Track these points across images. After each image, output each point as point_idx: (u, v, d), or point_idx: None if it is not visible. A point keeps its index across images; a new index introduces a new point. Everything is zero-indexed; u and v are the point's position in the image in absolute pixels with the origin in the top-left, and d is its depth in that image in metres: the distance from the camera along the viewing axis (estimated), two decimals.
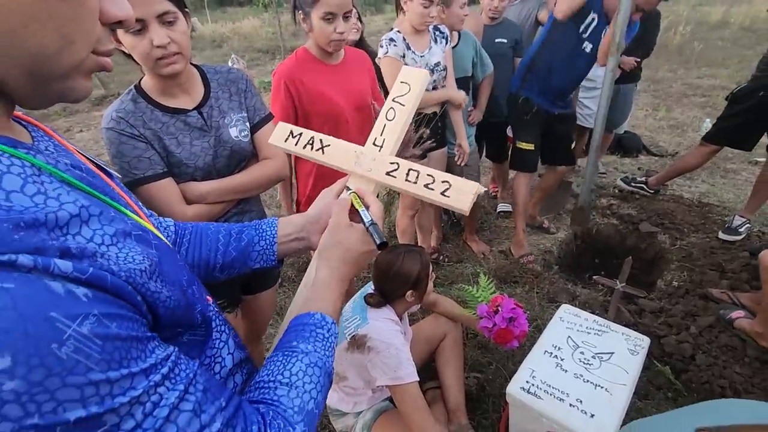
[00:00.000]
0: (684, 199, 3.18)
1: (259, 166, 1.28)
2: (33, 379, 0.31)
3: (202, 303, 0.54)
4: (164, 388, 0.40)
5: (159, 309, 0.44)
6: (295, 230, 0.79)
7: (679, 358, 1.82)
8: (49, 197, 0.39)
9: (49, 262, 0.34)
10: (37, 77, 0.39)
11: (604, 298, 2.26)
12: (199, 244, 0.77)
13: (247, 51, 10.56)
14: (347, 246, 0.67)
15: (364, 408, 1.52)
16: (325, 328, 0.62)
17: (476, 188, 0.68)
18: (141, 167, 1.09)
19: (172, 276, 0.48)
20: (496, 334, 1.55)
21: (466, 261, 2.67)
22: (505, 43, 2.73)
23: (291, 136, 0.86)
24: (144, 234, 0.47)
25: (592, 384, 1.38)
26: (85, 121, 6.08)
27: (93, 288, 0.36)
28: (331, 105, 1.58)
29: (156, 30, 0.99)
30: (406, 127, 0.81)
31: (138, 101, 1.10)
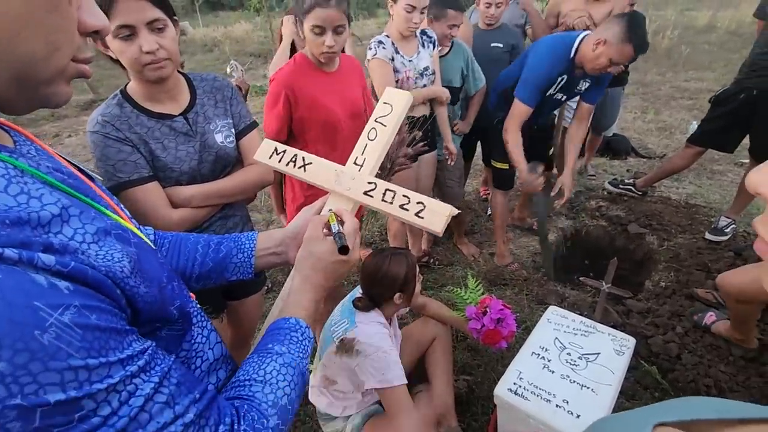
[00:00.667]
0: (671, 201, 3.22)
1: (243, 171, 1.29)
2: (17, 362, 0.33)
3: (182, 299, 0.56)
4: (140, 379, 0.42)
5: (138, 303, 0.46)
6: (273, 244, 0.82)
7: (665, 357, 1.84)
8: (32, 197, 0.41)
9: (33, 255, 0.36)
10: (23, 82, 0.41)
11: (592, 300, 2.28)
12: (177, 254, 0.78)
13: (239, 55, 10.54)
14: (318, 256, 0.70)
15: (353, 412, 1.51)
16: (299, 332, 0.64)
17: (449, 210, 0.70)
18: (126, 171, 1.09)
19: (151, 273, 0.49)
20: (485, 336, 1.56)
21: (456, 264, 2.68)
22: (501, 47, 2.73)
23: (275, 153, 0.88)
24: (123, 233, 0.49)
25: (579, 384, 1.39)
26: (74, 126, 6.03)
27: (74, 281, 0.39)
28: (328, 113, 1.59)
29: (145, 36, 1.00)
30: (387, 148, 0.82)
31: (124, 106, 1.10)
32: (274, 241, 0.82)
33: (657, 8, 11.62)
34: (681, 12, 11.40)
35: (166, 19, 1.03)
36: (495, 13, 2.62)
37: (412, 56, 2.04)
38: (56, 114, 6.32)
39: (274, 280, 2.58)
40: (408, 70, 2.01)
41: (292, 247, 0.81)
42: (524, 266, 2.64)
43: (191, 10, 16.15)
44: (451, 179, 2.48)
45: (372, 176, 0.79)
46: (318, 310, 0.70)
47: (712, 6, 11.44)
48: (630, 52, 1.88)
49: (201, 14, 16.33)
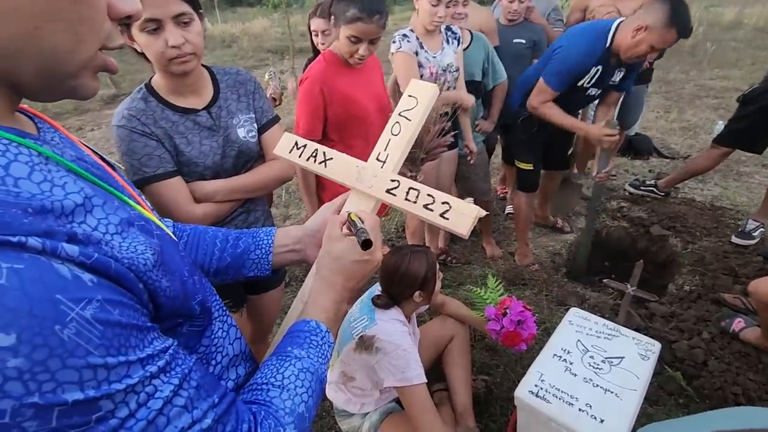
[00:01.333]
0: (696, 202, 3.13)
1: (266, 166, 1.29)
2: (35, 358, 0.31)
3: (203, 293, 0.55)
4: (159, 380, 0.40)
5: (160, 298, 0.45)
6: (291, 242, 0.80)
7: (690, 363, 1.79)
8: (56, 185, 0.40)
9: (57, 245, 0.35)
10: (48, 75, 0.41)
11: (614, 302, 2.23)
12: (195, 247, 0.77)
13: (256, 51, 10.61)
14: (336, 255, 0.67)
15: (370, 409, 1.51)
16: (319, 336, 0.62)
17: (476, 212, 0.66)
18: (151, 165, 1.09)
19: (173, 266, 0.49)
20: (504, 337, 1.54)
21: (474, 263, 2.66)
22: (524, 43, 2.69)
23: (296, 147, 0.86)
24: (146, 224, 0.48)
25: (602, 389, 1.36)
26: (96, 119, 6.14)
27: (97, 273, 0.38)
28: (359, 108, 1.61)
29: (171, 30, 1.00)
30: (411, 143, 0.79)
31: (149, 100, 1.11)
32: (292, 239, 0.80)
33: None
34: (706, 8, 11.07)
35: (192, 12, 1.03)
36: (518, 9, 2.57)
37: (437, 52, 2.02)
38: (79, 108, 6.45)
39: (292, 275, 2.59)
40: (432, 65, 1.99)
41: (310, 245, 0.79)
42: (543, 266, 2.60)
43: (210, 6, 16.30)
44: (476, 173, 2.45)
45: (395, 173, 0.76)
46: (340, 312, 0.68)
47: (739, 2, 11.09)
48: (674, 36, 1.80)
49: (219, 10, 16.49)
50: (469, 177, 2.46)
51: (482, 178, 2.49)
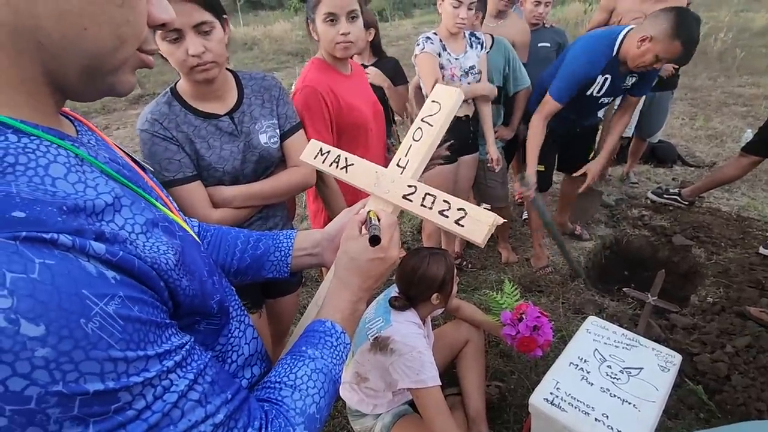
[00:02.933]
0: (721, 212, 3.05)
1: (287, 173, 1.29)
2: (61, 349, 0.33)
3: (222, 293, 0.56)
4: (175, 375, 0.42)
5: (179, 296, 0.46)
6: (310, 245, 0.81)
7: (713, 377, 1.74)
8: (88, 186, 0.43)
9: (85, 243, 0.37)
10: (91, 73, 0.43)
11: (633, 312, 2.18)
12: (217, 247, 0.79)
13: (277, 54, 10.77)
14: (352, 255, 0.68)
15: (383, 411, 1.52)
16: (334, 337, 0.63)
17: (493, 219, 0.65)
18: (171, 169, 1.11)
19: (193, 266, 0.50)
20: (519, 342, 1.53)
21: (489, 268, 2.64)
22: (549, 47, 2.67)
23: (320, 153, 0.88)
24: (170, 225, 0.50)
25: (620, 399, 1.34)
26: (122, 119, 6.33)
27: (121, 271, 0.39)
28: (360, 115, 1.56)
29: (192, 39, 1.02)
30: (432, 149, 0.79)
31: (173, 104, 1.13)
32: (311, 242, 0.81)
33: (709, 9, 11.01)
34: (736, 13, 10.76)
35: (213, 21, 1.04)
36: (543, 12, 2.56)
37: (459, 55, 2.03)
38: (106, 107, 6.66)
39: (308, 275, 2.62)
40: (453, 67, 2.00)
41: (328, 249, 0.80)
42: (560, 273, 2.56)
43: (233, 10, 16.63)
44: (493, 179, 2.43)
45: (414, 179, 0.77)
46: (357, 312, 0.68)
47: None
48: (678, 48, 1.77)
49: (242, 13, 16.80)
50: (486, 183, 2.44)
51: (500, 184, 2.48)
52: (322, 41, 1.47)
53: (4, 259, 0.32)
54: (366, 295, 0.68)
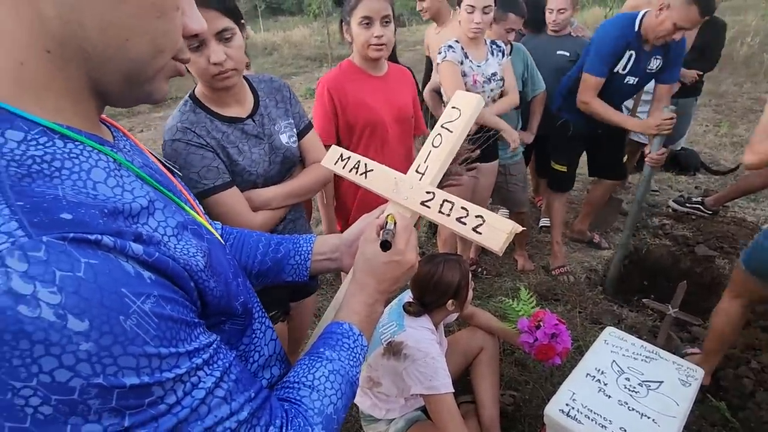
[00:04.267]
0: (747, 222, 2.96)
1: (310, 170, 1.32)
2: (102, 344, 0.35)
3: (246, 295, 0.58)
4: (203, 372, 0.44)
5: (207, 297, 0.48)
6: (329, 250, 0.82)
7: (736, 394, 1.69)
8: (126, 190, 0.45)
9: (125, 244, 0.39)
10: (131, 80, 0.46)
11: (652, 323, 2.13)
12: (240, 249, 0.81)
13: (296, 59, 10.93)
14: (368, 257, 0.69)
15: (396, 416, 1.51)
16: (351, 339, 0.64)
17: (511, 227, 0.65)
18: (210, 177, 1.11)
19: (219, 268, 0.52)
20: (537, 350, 1.51)
21: (504, 275, 2.61)
22: (567, 56, 2.65)
23: (341, 159, 0.89)
24: (198, 228, 0.52)
25: (638, 413, 1.31)
26: (146, 122, 6.51)
27: (156, 272, 0.41)
28: (373, 114, 1.60)
29: (214, 47, 1.02)
30: (452, 156, 0.79)
31: (197, 111, 1.13)
32: (330, 247, 0.82)
33: (736, 13, 10.72)
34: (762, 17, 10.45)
35: (234, 27, 1.05)
36: (557, 20, 2.54)
37: (481, 62, 2.03)
38: (131, 111, 6.84)
39: (323, 278, 2.64)
40: (476, 74, 2.00)
41: (347, 254, 0.81)
42: (578, 282, 2.52)
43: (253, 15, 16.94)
44: (515, 184, 2.42)
45: (432, 186, 0.77)
46: (374, 314, 0.68)
47: None
48: (695, 14, 1.82)
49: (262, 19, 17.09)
50: (507, 188, 2.43)
51: (521, 188, 2.46)
52: (355, 43, 1.56)
53: (54, 258, 0.34)
54: (382, 297, 0.69)
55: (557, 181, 2.60)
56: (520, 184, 2.47)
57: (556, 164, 2.54)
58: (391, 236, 0.67)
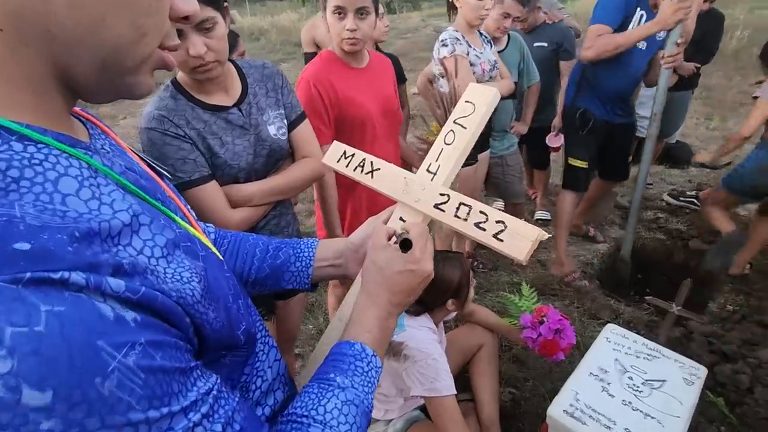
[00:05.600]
0: (740, 217, 2.97)
1: (299, 165, 1.24)
2: (72, 418, 0.28)
3: (248, 319, 0.51)
4: (202, 427, 0.37)
5: (206, 331, 0.41)
6: (333, 256, 0.75)
7: (733, 389, 1.69)
8: (103, 203, 0.37)
9: (101, 281, 0.31)
10: (108, 69, 0.38)
11: (649, 318, 2.13)
12: (235, 256, 0.74)
13: (284, 45, 10.68)
14: (380, 265, 0.62)
15: (395, 416, 1.48)
16: (365, 361, 0.57)
17: (537, 234, 0.59)
18: (186, 170, 1.03)
19: (218, 291, 0.45)
20: (541, 346, 1.49)
21: (501, 269, 2.59)
22: (546, 47, 2.62)
23: (344, 156, 0.82)
24: (192, 245, 0.45)
25: (642, 413, 1.29)
26: (129, 108, 6.27)
27: (142, 310, 0.34)
28: (361, 110, 1.50)
29: (193, 39, 0.94)
30: (465, 154, 0.73)
31: (178, 98, 1.05)
32: (334, 252, 0.75)
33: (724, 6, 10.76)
34: (751, 10, 10.54)
35: (215, 16, 0.97)
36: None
37: (482, 50, 1.98)
38: None
39: None
40: (483, 62, 1.95)
41: (352, 260, 0.74)
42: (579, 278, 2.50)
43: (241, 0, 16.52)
44: (511, 175, 2.38)
45: (446, 187, 0.71)
46: (387, 330, 0.61)
47: None
48: None
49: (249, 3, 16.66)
50: (503, 179, 2.39)
51: (517, 179, 2.43)
52: (331, 33, 1.45)
53: (4, 309, 0.26)
54: (396, 310, 0.62)
55: (574, 179, 2.38)
56: (517, 175, 2.44)
57: (576, 160, 2.33)
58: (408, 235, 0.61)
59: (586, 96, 2.21)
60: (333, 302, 1.88)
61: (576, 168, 2.35)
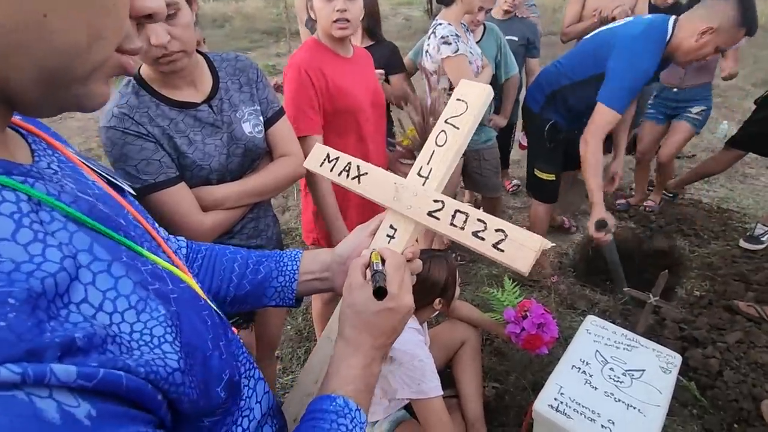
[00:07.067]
0: (703, 204, 3.10)
1: (276, 165, 1.16)
2: None
3: (231, 363, 0.44)
4: None
5: (183, 405, 0.35)
6: (319, 269, 0.69)
7: (704, 373, 1.76)
8: (49, 245, 0.30)
9: (43, 371, 0.25)
10: (53, 79, 0.31)
11: (623, 307, 2.18)
12: (211, 273, 0.66)
13: (249, 32, 10.30)
14: (358, 308, 0.56)
15: (379, 418, 1.44)
16: (348, 418, 0.50)
17: (540, 244, 0.55)
18: (150, 171, 0.95)
19: (195, 340, 0.38)
20: (525, 340, 1.50)
21: (479, 261, 2.59)
22: (516, 41, 2.61)
23: (327, 160, 0.75)
24: (161, 284, 0.38)
25: (624, 404, 1.31)
26: None
27: (100, 398, 0.28)
28: (352, 100, 1.44)
29: (153, 26, 0.85)
30: (459, 156, 0.68)
31: (141, 94, 0.96)
32: (320, 265, 0.69)
33: None
34: None
35: (177, 2, 0.89)
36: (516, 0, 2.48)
37: (471, 44, 1.94)
38: None
39: None
40: (476, 59, 1.90)
41: (339, 272, 0.68)
42: (553, 269, 2.54)
43: None
44: (488, 169, 2.35)
45: (439, 192, 0.66)
46: (371, 378, 0.55)
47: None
48: (741, 36, 1.65)
49: None
50: (480, 173, 2.37)
51: (494, 173, 2.42)
52: (318, 19, 1.39)
53: None
54: (379, 354, 0.56)
55: (543, 192, 2.27)
56: (494, 168, 2.42)
57: (543, 173, 2.20)
58: (383, 279, 0.55)
59: (557, 110, 2.07)
60: (318, 304, 1.81)
61: (542, 180, 2.23)
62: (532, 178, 2.29)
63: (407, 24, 10.53)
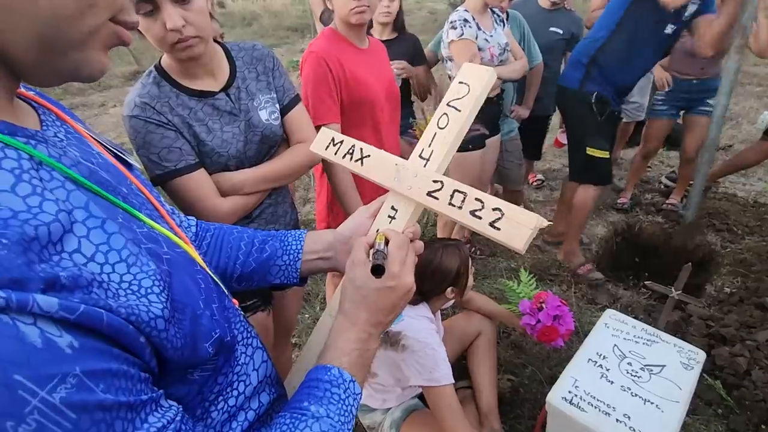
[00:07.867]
0: (738, 198, 2.96)
1: (293, 151, 1.19)
2: None
3: (222, 326, 0.46)
4: None
5: (167, 351, 0.37)
6: (322, 248, 0.72)
7: (731, 372, 1.69)
8: (46, 199, 0.32)
9: (26, 299, 0.27)
10: (48, 44, 0.33)
11: (647, 302, 2.12)
12: (218, 250, 0.70)
13: (276, 29, 10.46)
14: (358, 284, 0.57)
15: (392, 405, 1.47)
16: (341, 388, 0.52)
17: (535, 222, 0.55)
18: (172, 158, 0.99)
19: (184, 298, 0.41)
20: (540, 332, 1.49)
21: (499, 255, 2.57)
22: (560, 34, 2.52)
23: (332, 143, 0.78)
24: (155, 246, 0.40)
25: (641, 399, 1.28)
26: (119, 96, 6.15)
27: (82, 332, 0.29)
28: (369, 90, 1.46)
29: (168, 11, 0.88)
30: (460, 138, 0.69)
31: (161, 84, 1.01)
32: (323, 244, 0.72)
33: None
34: None
35: None
36: None
37: (492, 32, 1.91)
38: (102, 84, 6.47)
39: None
40: (492, 47, 1.88)
41: (342, 252, 0.70)
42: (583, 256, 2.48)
43: None
44: (511, 161, 2.33)
45: (439, 173, 0.68)
46: (367, 353, 0.57)
47: None
48: None
49: None
50: (503, 165, 2.35)
51: (517, 165, 2.39)
52: (336, 8, 1.41)
53: None
54: (377, 330, 0.58)
55: (597, 172, 2.12)
56: (516, 161, 2.39)
57: (596, 150, 2.07)
58: (383, 258, 0.57)
59: (597, 81, 2.00)
60: (332, 292, 1.85)
61: (596, 159, 2.09)
62: (585, 160, 2.13)
63: (432, 17, 10.43)
